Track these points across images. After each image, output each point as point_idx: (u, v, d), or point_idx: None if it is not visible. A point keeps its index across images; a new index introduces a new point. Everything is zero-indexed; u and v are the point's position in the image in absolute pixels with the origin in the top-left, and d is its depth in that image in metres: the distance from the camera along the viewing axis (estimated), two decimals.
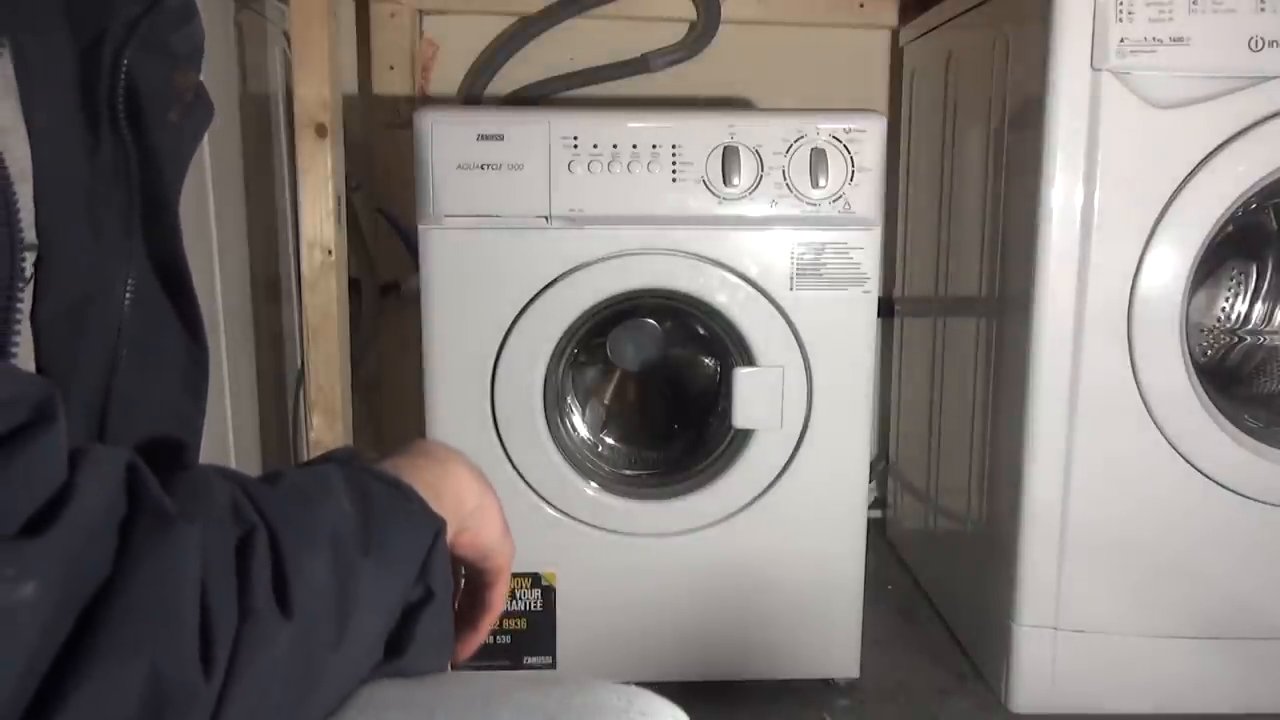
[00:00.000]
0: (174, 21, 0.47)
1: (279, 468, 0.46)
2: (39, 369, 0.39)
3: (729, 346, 1.34)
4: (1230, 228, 1.34)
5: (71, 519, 0.32)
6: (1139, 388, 1.29)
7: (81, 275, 0.41)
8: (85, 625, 0.32)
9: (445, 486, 0.51)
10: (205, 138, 1.35)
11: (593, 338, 1.44)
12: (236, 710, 0.35)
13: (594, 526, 1.35)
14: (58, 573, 0.31)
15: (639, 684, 0.49)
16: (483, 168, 1.24)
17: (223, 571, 0.36)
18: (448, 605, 0.48)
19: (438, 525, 0.47)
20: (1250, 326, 1.57)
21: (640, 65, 1.83)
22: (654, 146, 1.25)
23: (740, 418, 1.32)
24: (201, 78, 0.50)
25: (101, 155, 0.43)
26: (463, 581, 0.58)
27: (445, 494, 0.50)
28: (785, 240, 1.28)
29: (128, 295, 0.44)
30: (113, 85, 0.43)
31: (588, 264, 1.27)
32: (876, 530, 1.96)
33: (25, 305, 0.39)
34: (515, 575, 1.35)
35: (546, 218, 1.26)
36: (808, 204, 1.27)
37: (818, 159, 1.25)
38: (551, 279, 1.27)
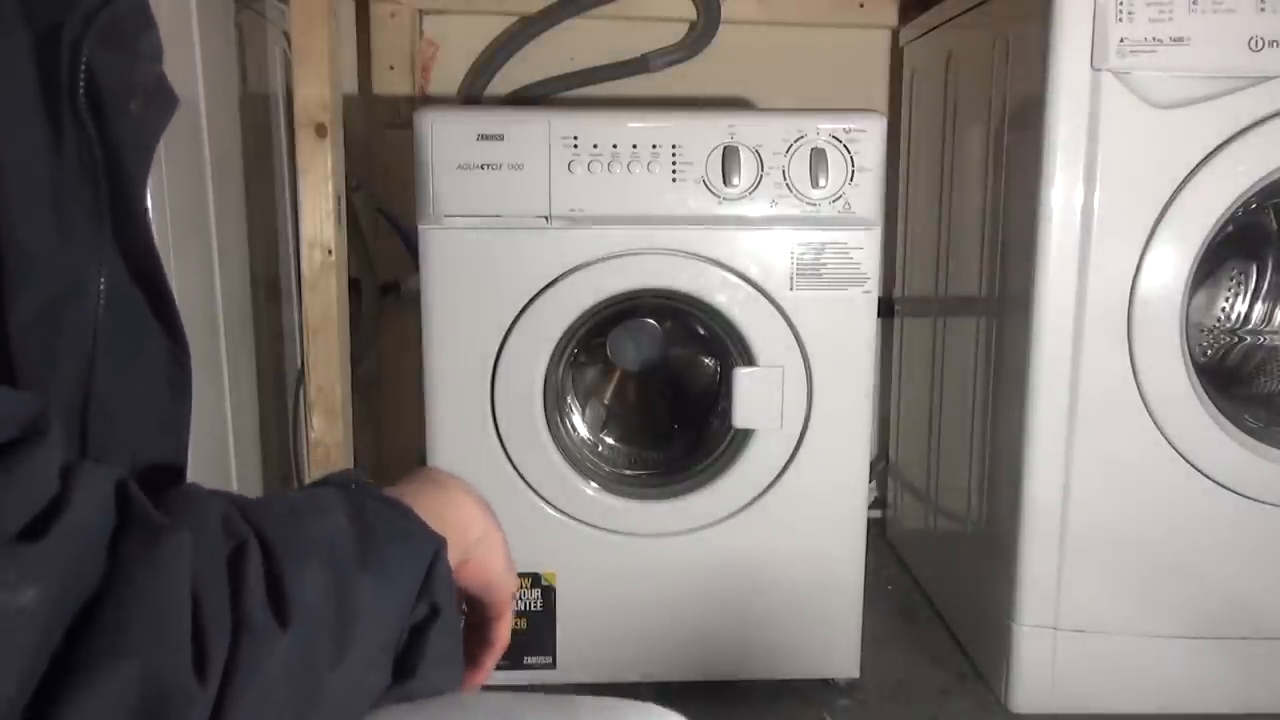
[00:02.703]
0: (135, 22, 0.46)
1: (273, 495, 0.45)
2: (16, 369, 0.39)
3: (729, 346, 1.34)
4: (1230, 228, 1.34)
5: (65, 528, 0.32)
6: (1139, 388, 1.29)
7: (53, 273, 0.41)
8: (78, 632, 0.32)
9: (450, 514, 0.50)
10: (205, 137, 1.34)
11: (593, 338, 1.44)
12: None
13: (594, 526, 1.35)
14: (54, 579, 0.31)
15: (638, 684, 0.49)
16: (483, 168, 1.24)
17: (214, 580, 0.36)
18: (455, 622, 0.47)
19: (438, 543, 0.46)
20: (1250, 326, 1.57)
21: (640, 65, 1.83)
22: (654, 146, 1.25)
23: (740, 418, 1.32)
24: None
25: (66, 150, 0.42)
26: (465, 616, 0.57)
27: (449, 521, 0.49)
28: (785, 240, 1.28)
29: (101, 292, 0.43)
30: (72, 76, 0.42)
31: (588, 264, 1.27)
32: (876, 530, 1.96)
33: None
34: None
35: (546, 218, 1.26)
36: (808, 204, 1.27)
37: (818, 159, 1.25)
38: (551, 279, 1.27)
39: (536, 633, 1.38)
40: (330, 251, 1.34)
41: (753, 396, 1.31)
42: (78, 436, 0.44)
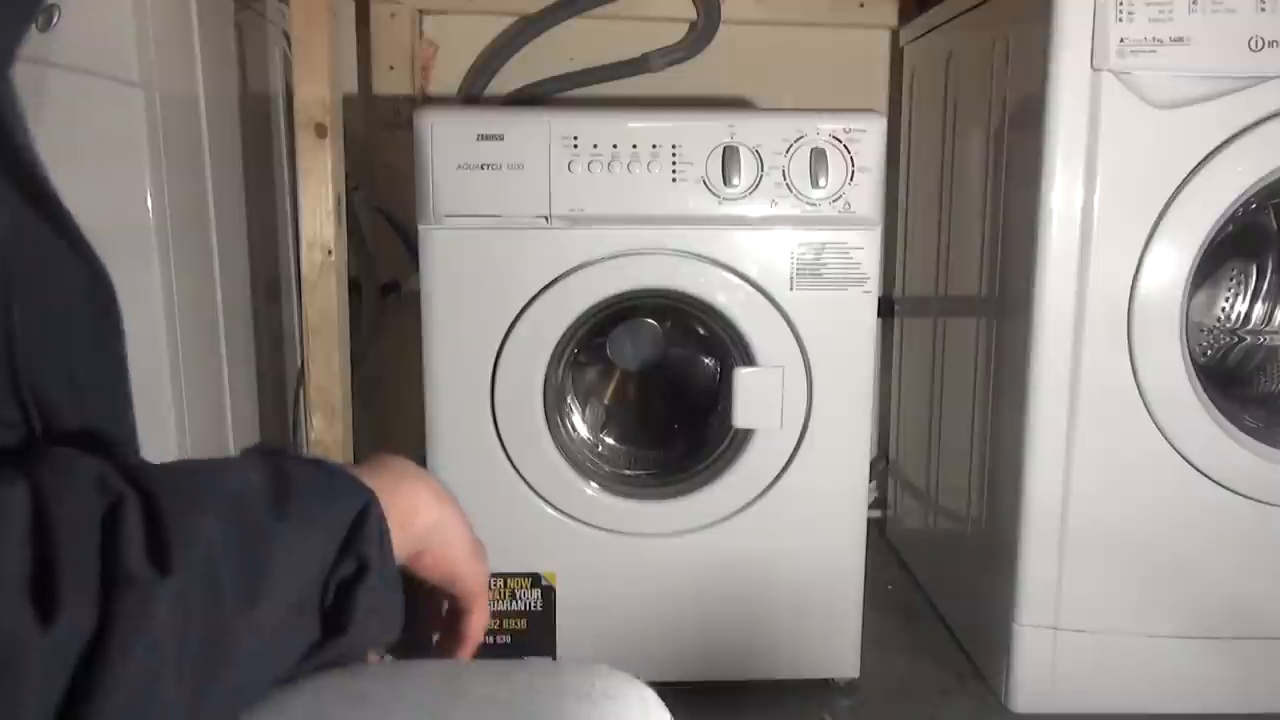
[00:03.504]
0: None
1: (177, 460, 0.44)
2: None
3: (729, 346, 1.34)
4: (1230, 228, 1.34)
5: None
6: (1139, 388, 1.29)
7: None
8: None
9: (395, 499, 0.48)
10: (205, 137, 1.34)
11: (593, 338, 1.44)
12: (130, 681, 0.34)
13: (594, 526, 1.35)
14: None
15: None
16: (483, 168, 1.24)
17: (77, 533, 0.35)
18: (390, 577, 0.46)
19: (366, 496, 0.45)
20: (1250, 326, 1.57)
21: (640, 65, 1.83)
22: (654, 146, 1.25)
23: (740, 418, 1.32)
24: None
25: None
26: (443, 609, 0.56)
27: (394, 506, 0.47)
28: (785, 240, 1.28)
29: (3, 226, 0.41)
30: None
31: (588, 264, 1.27)
32: (876, 530, 1.96)
33: None
34: (515, 575, 1.35)
35: (546, 218, 1.26)
36: (808, 204, 1.27)
37: (818, 159, 1.25)
38: (551, 279, 1.27)
39: (536, 633, 1.38)
40: (330, 251, 1.34)
41: (753, 396, 1.31)
42: (9, 374, 0.42)
